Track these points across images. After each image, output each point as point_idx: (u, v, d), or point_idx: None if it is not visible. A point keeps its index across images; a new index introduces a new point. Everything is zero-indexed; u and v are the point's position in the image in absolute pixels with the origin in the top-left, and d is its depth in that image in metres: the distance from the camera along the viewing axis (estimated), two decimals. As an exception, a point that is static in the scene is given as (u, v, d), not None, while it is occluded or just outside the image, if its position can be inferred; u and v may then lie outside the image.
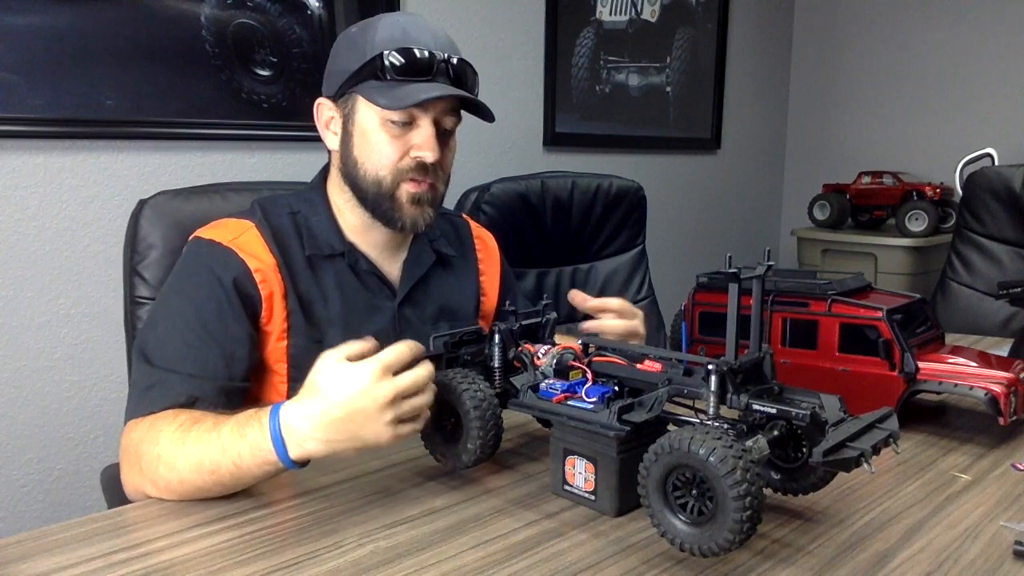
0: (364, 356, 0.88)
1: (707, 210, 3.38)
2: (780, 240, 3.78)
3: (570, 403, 0.89)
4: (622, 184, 2.09)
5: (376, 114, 1.10)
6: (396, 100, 1.06)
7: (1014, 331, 1.96)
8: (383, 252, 1.19)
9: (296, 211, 1.16)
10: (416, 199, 1.12)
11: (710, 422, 0.80)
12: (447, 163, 1.15)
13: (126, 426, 0.98)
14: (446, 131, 1.14)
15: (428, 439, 0.97)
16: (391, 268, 1.20)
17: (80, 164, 1.75)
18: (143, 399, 0.99)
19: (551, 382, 0.92)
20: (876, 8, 3.45)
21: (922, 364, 1.10)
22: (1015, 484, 0.98)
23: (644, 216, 2.15)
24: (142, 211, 1.30)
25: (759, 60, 3.54)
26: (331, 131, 1.16)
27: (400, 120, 1.09)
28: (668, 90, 3.10)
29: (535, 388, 0.93)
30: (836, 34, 3.57)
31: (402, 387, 0.86)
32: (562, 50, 2.68)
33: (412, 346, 0.90)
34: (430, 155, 1.09)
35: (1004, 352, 1.38)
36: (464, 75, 1.11)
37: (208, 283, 1.06)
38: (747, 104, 3.50)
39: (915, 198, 3.00)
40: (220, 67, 1.90)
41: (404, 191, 1.11)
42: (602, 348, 0.96)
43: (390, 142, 1.10)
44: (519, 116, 2.60)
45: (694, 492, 0.73)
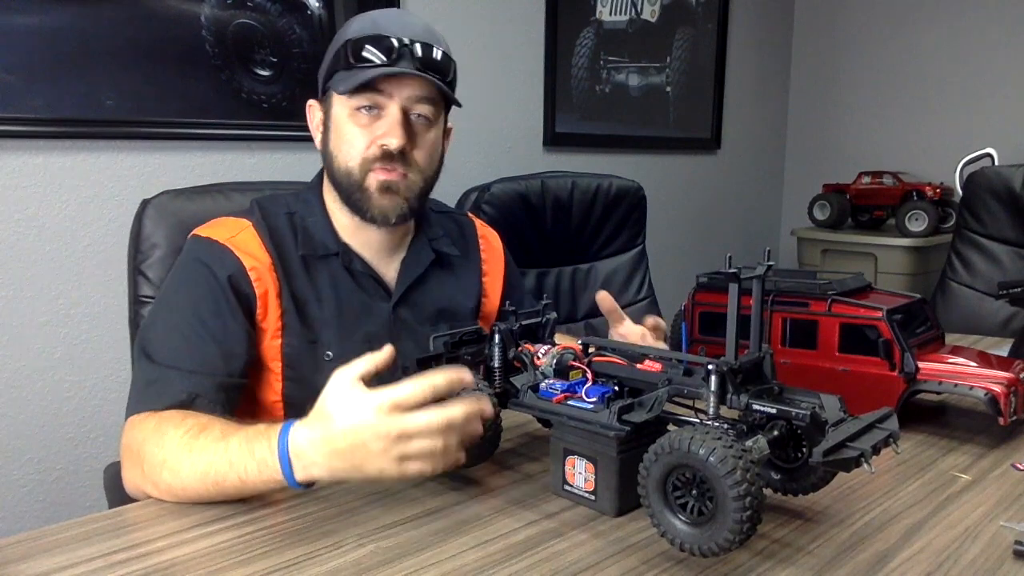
0: (379, 372, 0.84)
1: (707, 210, 3.38)
2: (780, 240, 3.78)
3: (570, 403, 0.89)
4: (622, 184, 2.09)
5: (345, 105, 1.09)
6: (350, 84, 1.06)
7: (1014, 331, 1.95)
8: (379, 252, 1.19)
9: (293, 211, 1.16)
10: (385, 187, 1.10)
11: (710, 422, 0.80)
12: (424, 155, 1.13)
13: (127, 422, 0.98)
14: (427, 122, 1.12)
15: None
16: (387, 269, 1.19)
17: (80, 164, 1.75)
18: (144, 395, 0.99)
19: (551, 382, 0.92)
20: (876, 8, 3.44)
21: (922, 364, 1.10)
22: (1015, 484, 0.98)
23: (644, 216, 2.15)
24: (145, 211, 1.30)
25: (759, 60, 3.54)
26: (318, 131, 1.16)
27: (366, 107, 1.08)
28: (668, 90, 3.09)
29: (535, 388, 0.93)
30: (836, 34, 3.57)
31: (410, 428, 0.81)
32: (562, 50, 2.68)
33: (450, 377, 0.84)
34: (394, 141, 1.07)
35: (1004, 352, 1.38)
36: (431, 60, 1.08)
37: (205, 280, 1.06)
38: (747, 104, 3.50)
39: (915, 198, 3.00)
40: (220, 67, 1.90)
41: (372, 180, 1.10)
42: (602, 348, 0.96)
43: (359, 132, 1.09)
44: (519, 116, 2.60)
45: (694, 492, 0.73)
